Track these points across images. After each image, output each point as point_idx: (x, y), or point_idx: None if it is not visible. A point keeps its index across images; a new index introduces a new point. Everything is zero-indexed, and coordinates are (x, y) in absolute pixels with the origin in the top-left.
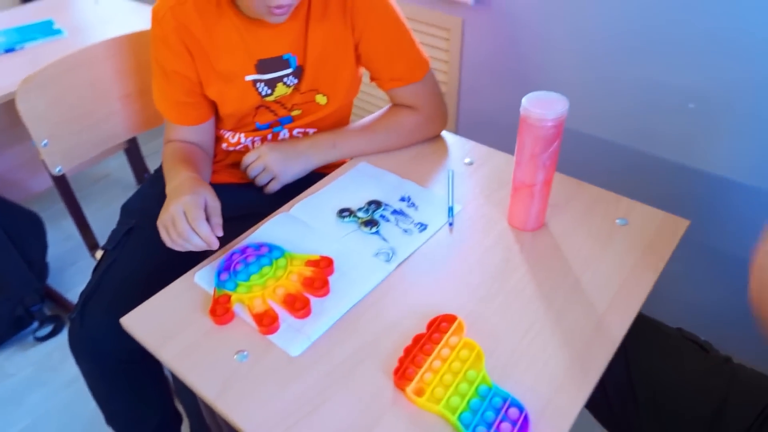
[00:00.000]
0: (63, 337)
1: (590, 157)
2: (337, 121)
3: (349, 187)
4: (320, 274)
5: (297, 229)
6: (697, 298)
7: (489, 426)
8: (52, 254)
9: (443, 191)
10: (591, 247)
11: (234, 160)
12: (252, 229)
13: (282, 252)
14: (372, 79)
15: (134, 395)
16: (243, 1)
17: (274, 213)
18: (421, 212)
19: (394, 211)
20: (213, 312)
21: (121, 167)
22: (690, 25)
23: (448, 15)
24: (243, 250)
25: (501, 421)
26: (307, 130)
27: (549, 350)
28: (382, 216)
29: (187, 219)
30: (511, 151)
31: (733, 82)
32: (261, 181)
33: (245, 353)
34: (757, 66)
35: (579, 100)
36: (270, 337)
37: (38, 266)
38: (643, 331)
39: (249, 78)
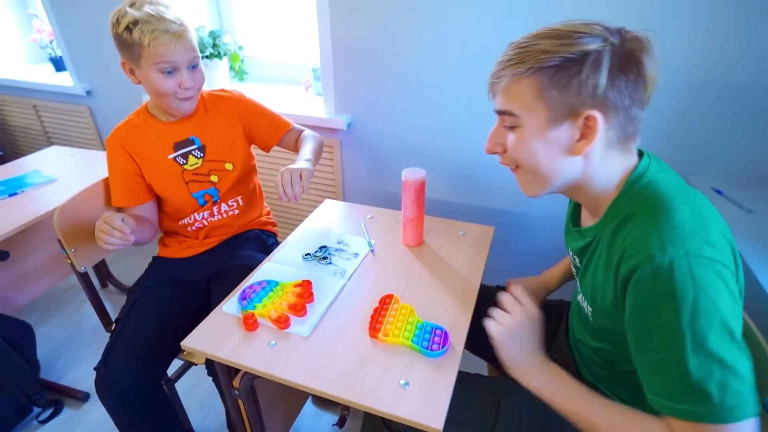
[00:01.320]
0: (64, 416)
1: (440, 207)
2: (245, 180)
3: (303, 242)
4: (302, 296)
5: (281, 269)
6: (509, 268)
7: (429, 341)
8: (40, 353)
9: (361, 234)
10: (450, 248)
11: (204, 235)
12: (251, 274)
13: (276, 283)
14: (264, 147)
15: (152, 421)
16: (159, 109)
17: (263, 263)
18: (352, 247)
19: (336, 250)
20: (245, 324)
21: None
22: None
23: (332, 137)
24: (251, 287)
25: (434, 337)
26: (237, 198)
27: (445, 301)
28: (330, 253)
29: (110, 224)
30: (384, 207)
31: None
32: (296, 181)
33: (274, 342)
34: None
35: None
36: (286, 330)
37: (33, 363)
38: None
39: (170, 156)
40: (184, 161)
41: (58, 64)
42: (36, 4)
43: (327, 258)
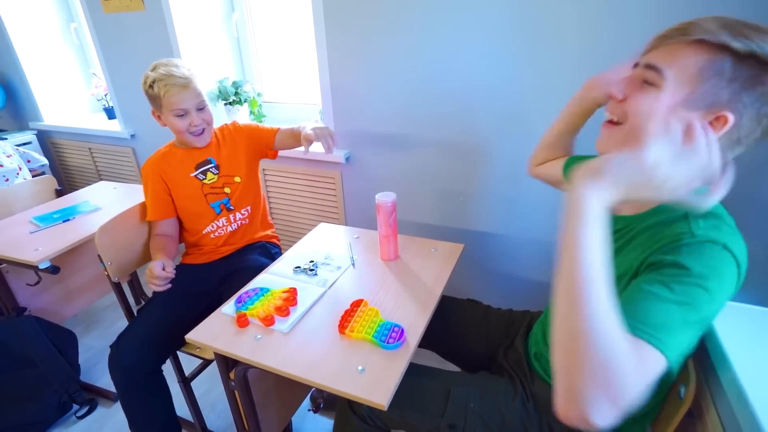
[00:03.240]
0: (97, 413)
1: (414, 227)
2: (252, 192)
3: (295, 257)
4: (288, 300)
5: (273, 279)
6: (476, 281)
7: (386, 335)
8: (81, 359)
9: (346, 251)
10: (421, 262)
11: (222, 242)
12: (248, 284)
13: (267, 289)
14: (270, 153)
15: (148, 399)
16: (182, 142)
17: (260, 274)
18: (336, 261)
19: (322, 263)
20: (238, 322)
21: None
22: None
23: (333, 170)
24: (246, 293)
25: (391, 333)
26: (247, 208)
27: (408, 305)
28: (316, 266)
29: (153, 272)
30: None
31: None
32: (328, 137)
33: (259, 336)
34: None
35: (402, 198)
36: (271, 327)
37: (75, 367)
38: (449, 303)
39: (192, 174)
40: (204, 177)
41: (110, 113)
42: (95, 64)
43: (314, 270)
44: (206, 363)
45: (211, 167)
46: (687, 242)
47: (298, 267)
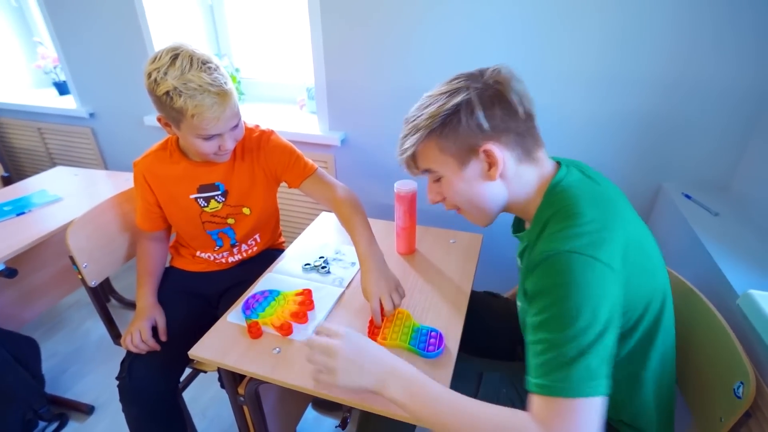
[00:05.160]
0: (69, 429)
1: (431, 216)
2: (263, 223)
3: (302, 253)
4: (303, 304)
5: (282, 279)
6: (495, 273)
7: (425, 342)
8: (45, 367)
9: None
10: (442, 255)
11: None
12: (253, 285)
13: (278, 292)
14: (289, 185)
15: (166, 428)
16: (192, 151)
17: (264, 274)
18: (349, 257)
19: (334, 259)
20: (250, 332)
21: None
22: None
23: (326, 153)
24: (254, 296)
25: (429, 339)
26: (255, 237)
27: (439, 306)
28: (328, 263)
29: (142, 336)
30: (378, 219)
31: None
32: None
33: (278, 349)
34: None
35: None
36: (289, 336)
37: (38, 378)
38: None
39: (192, 196)
40: (206, 204)
41: (62, 89)
42: (40, 32)
43: (326, 267)
44: (198, 370)
45: (217, 194)
46: (538, 262)
47: (308, 264)
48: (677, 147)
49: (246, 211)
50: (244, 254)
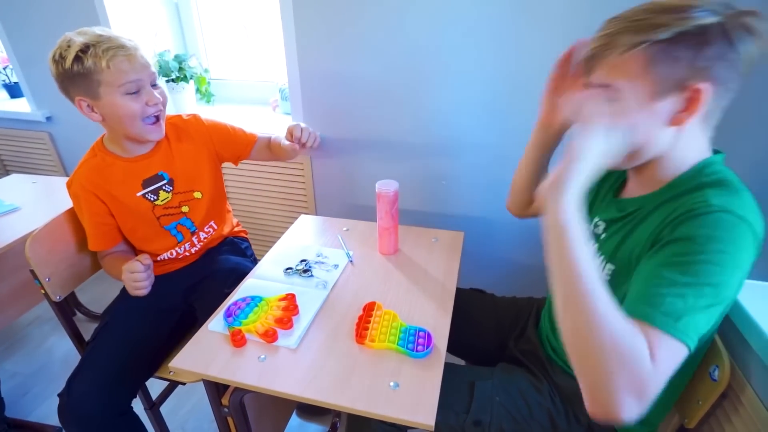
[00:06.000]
0: None
1: (411, 216)
2: (216, 203)
3: (282, 257)
4: (288, 309)
5: (263, 284)
6: (479, 270)
7: (413, 342)
8: (4, 390)
9: (338, 247)
10: (425, 254)
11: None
12: (234, 291)
13: (260, 298)
14: (237, 159)
15: None
16: (119, 144)
17: (245, 279)
18: (331, 259)
19: (316, 262)
20: (233, 340)
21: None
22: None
23: (302, 155)
24: (235, 303)
25: (418, 339)
26: (211, 223)
27: (425, 305)
28: (310, 266)
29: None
30: (358, 220)
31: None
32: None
33: (264, 356)
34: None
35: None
36: (274, 343)
37: None
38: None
39: (139, 194)
40: (155, 197)
41: (13, 91)
42: None
43: (308, 271)
44: (175, 384)
45: (163, 184)
46: (700, 212)
47: (290, 268)
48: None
49: (197, 195)
50: (205, 242)
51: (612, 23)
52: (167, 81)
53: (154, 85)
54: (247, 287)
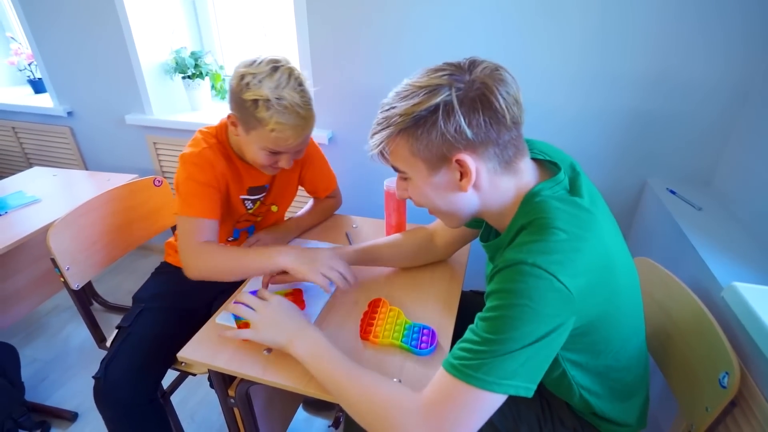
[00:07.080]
0: None
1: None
2: (281, 219)
3: None
4: (297, 299)
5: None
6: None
7: (418, 340)
8: (24, 375)
9: (346, 243)
10: None
11: None
12: (244, 283)
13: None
14: (311, 194)
15: (147, 431)
16: (248, 158)
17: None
18: None
19: None
20: None
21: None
22: None
23: None
24: None
25: (422, 336)
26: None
27: (430, 304)
28: None
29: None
30: (367, 217)
31: None
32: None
33: (269, 349)
34: None
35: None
36: None
37: (17, 385)
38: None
39: (242, 197)
40: (251, 206)
41: (38, 86)
42: (13, 28)
43: None
44: (185, 374)
45: (262, 196)
46: (500, 268)
47: None
48: (661, 143)
49: (274, 208)
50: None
51: (378, 114)
52: (183, 78)
53: (299, 150)
54: (255, 282)
